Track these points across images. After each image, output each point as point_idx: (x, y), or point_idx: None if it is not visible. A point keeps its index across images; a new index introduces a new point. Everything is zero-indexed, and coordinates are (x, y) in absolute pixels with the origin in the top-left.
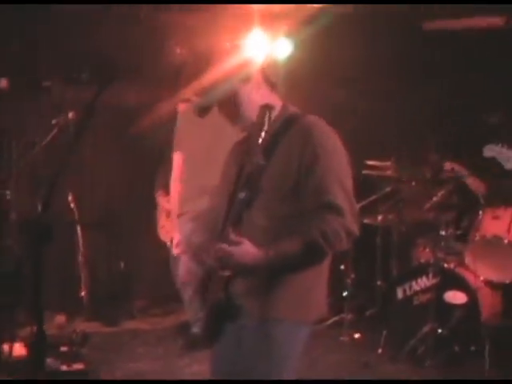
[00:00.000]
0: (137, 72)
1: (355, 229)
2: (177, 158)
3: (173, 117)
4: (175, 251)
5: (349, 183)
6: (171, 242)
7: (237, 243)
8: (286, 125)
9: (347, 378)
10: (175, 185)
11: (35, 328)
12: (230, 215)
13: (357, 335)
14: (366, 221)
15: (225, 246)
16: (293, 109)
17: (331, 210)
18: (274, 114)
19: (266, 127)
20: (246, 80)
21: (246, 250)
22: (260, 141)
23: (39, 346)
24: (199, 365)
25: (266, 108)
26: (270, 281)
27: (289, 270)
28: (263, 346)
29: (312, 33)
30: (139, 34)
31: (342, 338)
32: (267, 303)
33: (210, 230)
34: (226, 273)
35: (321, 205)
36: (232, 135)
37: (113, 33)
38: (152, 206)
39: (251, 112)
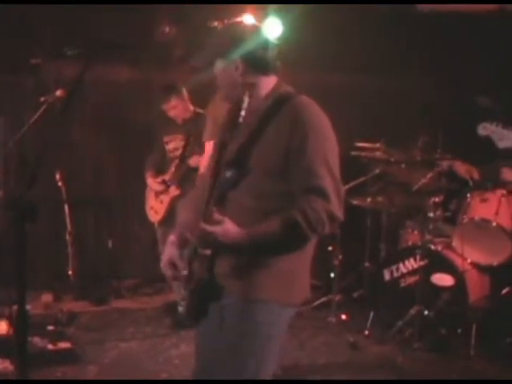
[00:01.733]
0: (126, 50)
1: (339, 214)
2: (209, 147)
3: (162, 95)
4: None
5: (336, 167)
6: (159, 222)
7: (218, 222)
8: (277, 104)
9: (334, 358)
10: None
11: (18, 306)
12: (213, 194)
13: (344, 316)
14: (354, 202)
15: (205, 224)
16: (286, 88)
17: (316, 194)
18: (265, 92)
19: (245, 105)
20: (236, 59)
21: (227, 228)
22: (240, 120)
23: (22, 324)
24: (187, 345)
25: (246, 87)
26: (254, 262)
27: (271, 251)
28: (245, 326)
29: (303, 13)
30: (128, 12)
31: (329, 319)
32: (250, 284)
33: (197, 209)
34: (207, 251)
35: (307, 187)
36: None
37: (102, 10)
38: (141, 186)
39: (236, 89)
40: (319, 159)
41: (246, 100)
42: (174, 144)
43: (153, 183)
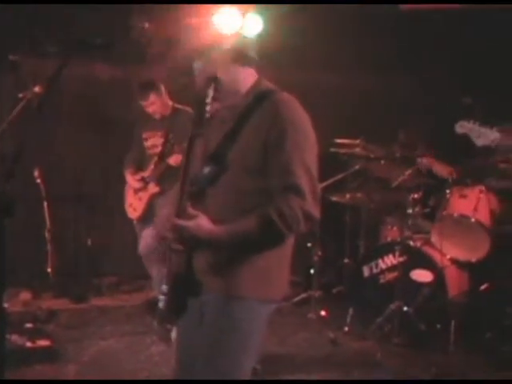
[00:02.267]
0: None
1: (315, 212)
2: None
3: (140, 91)
4: None
5: (314, 165)
6: (138, 219)
7: (192, 217)
8: (257, 100)
9: (314, 354)
10: None
11: None
12: (185, 189)
13: (323, 313)
14: (334, 199)
15: (179, 219)
16: (267, 84)
17: (293, 191)
18: (245, 88)
19: (209, 100)
20: (217, 55)
21: (201, 224)
22: (207, 114)
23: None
24: (165, 343)
25: (211, 80)
26: (232, 258)
27: (246, 248)
28: (225, 322)
29: (283, 11)
30: (107, 9)
31: (309, 316)
32: (229, 281)
33: (174, 205)
34: (179, 247)
35: (284, 185)
36: None
37: (81, 7)
38: (121, 183)
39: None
40: (297, 157)
41: (211, 93)
42: (152, 141)
43: (132, 180)
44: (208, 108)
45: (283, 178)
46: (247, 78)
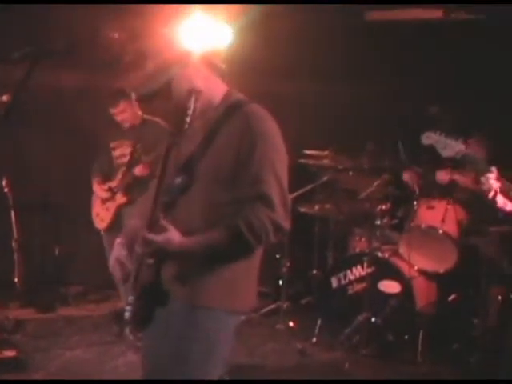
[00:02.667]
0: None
1: (285, 223)
2: None
3: (110, 99)
4: None
5: (284, 176)
6: (105, 229)
7: (162, 230)
8: (228, 111)
9: (282, 365)
10: None
11: None
12: (158, 201)
13: (292, 323)
14: (302, 210)
15: (149, 233)
16: (237, 96)
17: (262, 202)
18: (216, 99)
19: (191, 111)
20: (185, 66)
21: (171, 237)
22: (186, 126)
23: None
24: (134, 353)
25: (192, 92)
26: (200, 268)
27: (215, 259)
28: (191, 332)
29: (254, 22)
30: (76, 16)
31: (277, 326)
32: (196, 290)
33: (143, 216)
34: (150, 261)
35: (253, 195)
36: None
37: (49, 14)
38: (89, 192)
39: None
40: (267, 167)
41: (192, 105)
42: (120, 150)
43: (99, 190)
44: (188, 119)
45: (253, 188)
46: (219, 88)
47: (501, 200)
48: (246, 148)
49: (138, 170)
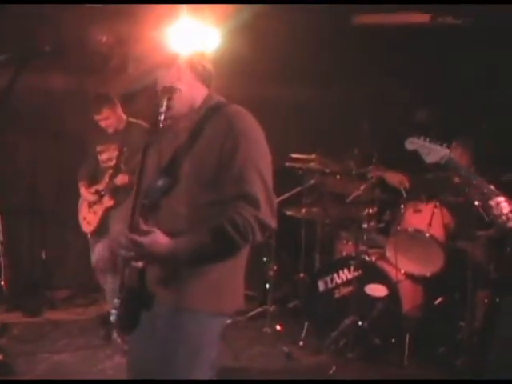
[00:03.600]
0: (60, 57)
1: (271, 221)
2: None
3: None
4: None
5: (268, 175)
6: (92, 232)
7: (147, 233)
8: (210, 113)
9: (269, 369)
10: None
11: None
12: (137, 203)
13: (279, 327)
14: (289, 213)
15: (135, 236)
16: (218, 98)
17: (247, 201)
18: (198, 102)
19: (163, 109)
20: (169, 68)
21: (157, 240)
22: (161, 125)
23: None
24: (121, 356)
25: (166, 91)
26: (185, 271)
27: (202, 260)
28: (175, 335)
29: (240, 25)
30: (65, 19)
31: (264, 330)
32: (180, 293)
33: (126, 219)
34: (139, 264)
35: (237, 194)
36: None
37: (37, 16)
38: (76, 196)
39: (179, 100)
40: (250, 166)
41: (165, 104)
42: (107, 154)
43: (86, 193)
44: (161, 117)
45: (236, 186)
46: (200, 91)
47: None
48: (228, 148)
49: (119, 180)
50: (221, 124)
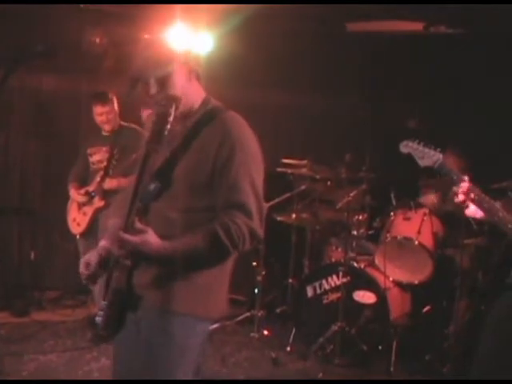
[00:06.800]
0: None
1: (260, 232)
2: None
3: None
4: None
5: (260, 185)
6: (81, 234)
7: (139, 231)
8: (206, 118)
9: (256, 374)
10: None
11: None
12: (135, 204)
13: (266, 332)
14: (279, 218)
15: (127, 234)
16: (215, 102)
17: (239, 209)
18: (195, 106)
19: (171, 118)
20: (167, 72)
21: (149, 239)
22: (166, 132)
23: None
24: (107, 358)
25: (173, 99)
26: (171, 274)
27: (191, 263)
28: (160, 338)
29: (234, 30)
30: (58, 20)
31: (252, 335)
32: (166, 296)
33: (120, 218)
34: (127, 262)
35: (230, 203)
36: None
37: (30, 16)
38: (65, 197)
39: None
40: (244, 176)
41: (172, 113)
42: (98, 156)
43: (76, 194)
44: (168, 126)
45: (230, 195)
46: (198, 94)
47: (472, 209)
48: (224, 156)
49: (108, 184)
50: (216, 129)
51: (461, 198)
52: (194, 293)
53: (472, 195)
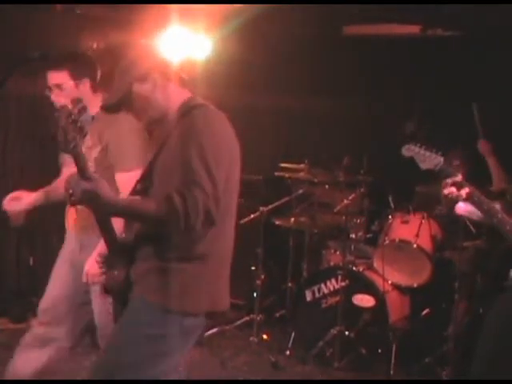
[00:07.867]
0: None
1: (214, 210)
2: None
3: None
4: None
5: (217, 175)
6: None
7: (93, 179)
8: (180, 117)
9: (255, 378)
10: None
11: None
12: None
13: (265, 336)
14: (277, 222)
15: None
16: (196, 101)
17: (197, 187)
18: (173, 109)
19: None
20: (144, 78)
21: (99, 186)
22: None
23: None
24: None
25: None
26: (155, 266)
27: (138, 220)
28: (127, 319)
29: (231, 33)
30: (54, 25)
31: (251, 339)
32: (143, 285)
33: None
34: (73, 198)
35: (188, 180)
36: None
37: (27, 22)
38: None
39: (154, 109)
40: (199, 157)
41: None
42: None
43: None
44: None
45: (188, 175)
46: (175, 99)
47: (461, 207)
48: (185, 146)
49: None
50: (185, 125)
51: (450, 190)
52: (172, 284)
53: (463, 192)
